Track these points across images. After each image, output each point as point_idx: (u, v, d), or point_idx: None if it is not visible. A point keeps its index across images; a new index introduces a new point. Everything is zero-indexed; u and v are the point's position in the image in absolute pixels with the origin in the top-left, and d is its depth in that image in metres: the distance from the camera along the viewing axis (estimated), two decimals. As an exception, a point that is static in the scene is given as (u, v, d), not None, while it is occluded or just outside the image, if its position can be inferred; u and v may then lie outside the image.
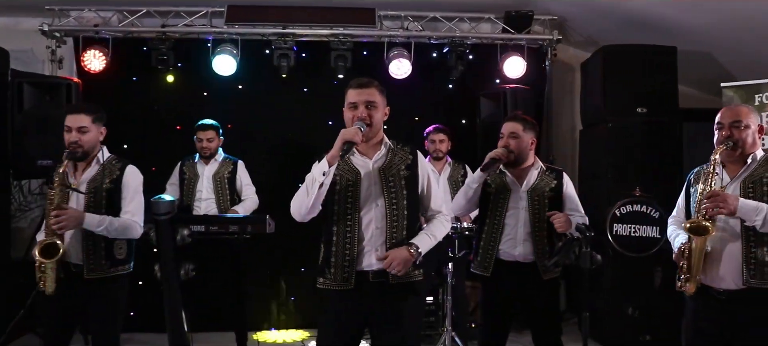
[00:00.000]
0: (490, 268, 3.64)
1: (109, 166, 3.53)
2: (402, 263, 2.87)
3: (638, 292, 5.16)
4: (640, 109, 5.64)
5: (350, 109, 2.97)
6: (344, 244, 2.91)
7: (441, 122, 5.70)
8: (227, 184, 5.21)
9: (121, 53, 6.10)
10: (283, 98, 6.35)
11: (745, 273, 2.97)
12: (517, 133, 3.65)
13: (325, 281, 2.97)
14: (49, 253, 3.29)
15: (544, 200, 3.63)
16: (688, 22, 5.68)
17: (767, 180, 3.02)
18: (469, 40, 6.26)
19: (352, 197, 2.93)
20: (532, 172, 3.69)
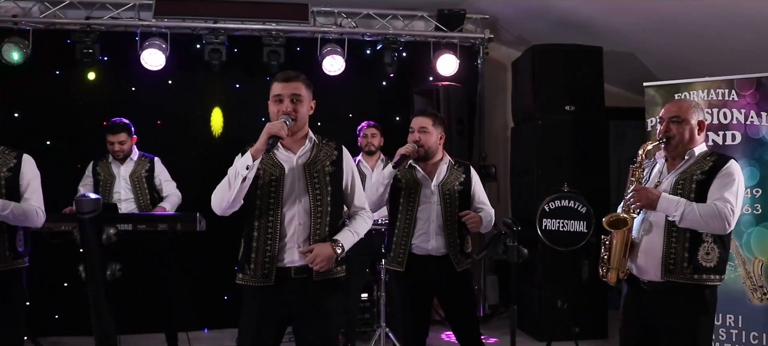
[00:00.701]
0: (404, 263, 3.67)
1: (3, 155, 3.43)
2: (326, 259, 2.84)
3: (567, 285, 5.30)
4: (568, 106, 5.79)
5: (275, 102, 2.93)
6: (266, 239, 2.86)
7: (374, 119, 5.70)
8: (145, 182, 5.01)
9: (42, 46, 5.84)
10: (214, 94, 6.23)
11: (663, 267, 3.03)
12: (427, 128, 3.69)
13: (245, 276, 2.93)
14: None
15: (455, 194, 3.70)
16: (613, 24, 5.87)
17: (697, 177, 3.05)
18: (402, 37, 6.31)
19: (275, 192, 2.88)
20: (442, 166, 3.75)
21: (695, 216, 2.94)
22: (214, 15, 5.94)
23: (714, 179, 3.03)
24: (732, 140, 4.91)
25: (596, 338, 5.65)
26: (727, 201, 2.96)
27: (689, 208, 2.94)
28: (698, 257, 3.00)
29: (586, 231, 4.92)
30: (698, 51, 5.72)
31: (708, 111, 4.98)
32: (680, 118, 3.12)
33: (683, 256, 3.01)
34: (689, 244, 3.01)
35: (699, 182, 3.04)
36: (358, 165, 5.40)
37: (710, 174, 3.04)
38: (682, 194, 3.04)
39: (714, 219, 2.94)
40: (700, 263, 3.00)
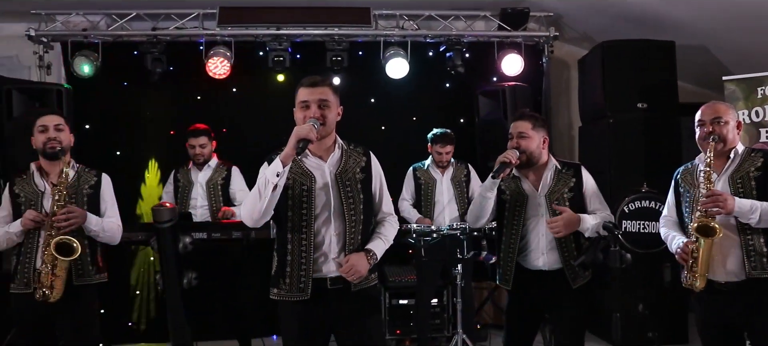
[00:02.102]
0: (511, 281, 3.43)
1: (83, 173, 3.55)
2: (361, 270, 2.78)
3: (646, 289, 5.11)
4: (640, 104, 5.61)
5: (302, 108, 2.82)
6: (300, 252, 2.77)
7: (439, 121, 5.59)
8: (220, 190, 5.05)
9: (110, 58, 5.95)
10: (277, 100, 6.22)
11: (747, 265, 3.03)
12: (526, 133, 3.41)
13: (280, 291, 2.83)
14: (64, 252, 3.24)
15: (565, 202, 3.38)
16: (685, 17, 5.68)
17: (754, 174, 3.09)
18: (465, 38, 6.21)
19: (308, 202, 2.79)
20: (547, 173, 3.45)
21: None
22: (277, 22, 5.95)
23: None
24: (819, 134, 4.70)
25: (676, 344, 5.46)
26: None
27: (765, 209, 2.97)
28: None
29: (668, 233, 4.74)
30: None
31: (793, 104, 4.79)
32: (721, 119, 3.16)
33: (762, 251, 3.03)
34: (764, 239, 3.05)
35: (757, 179, 3.09)
36: (428, 170, 5.33)
37: (765, 170, 3.09)
38: (743, 192, 3.08)
39: None
40: None
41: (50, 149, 3.41)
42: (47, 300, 3.23)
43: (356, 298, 2.82)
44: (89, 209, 3.44)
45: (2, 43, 6.15)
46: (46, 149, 3.42)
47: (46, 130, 3.43)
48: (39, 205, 3.37)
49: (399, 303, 5.57)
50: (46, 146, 3.42)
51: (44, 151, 3.43)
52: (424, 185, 5.29)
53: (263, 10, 5.96)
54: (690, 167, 3.33)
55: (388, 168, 5.27)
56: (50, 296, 3.23)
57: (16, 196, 3.43)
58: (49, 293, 3.23)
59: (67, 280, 3.30)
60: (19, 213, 3.39)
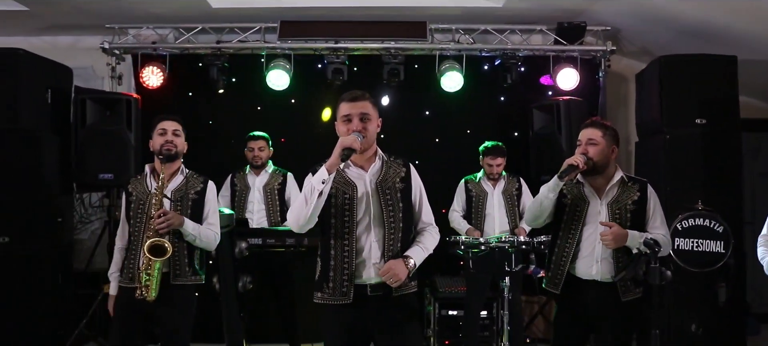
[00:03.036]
0: (560, 285, 3.45)
1: (191, 179, 3.70)
2: (400, 276, 2.88)
3: (701, 308, 5.01)
4: (699, 119, 5.49)
5: (344, 122, 2.99)
6: (343, 258, 2.91)
7: (492, 134, 5.64)
8: (277, 195, 5.25)
9: (177, 69, 6.26)
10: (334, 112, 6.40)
11: None
12: (596, 140, 3.42)
13: (324, 295, 2.96)
14: (156, 252, 3.40)
15: (626, 214, 3.40)
16: (748, 31, 5.54)
17: None
18: (520, 52, 6.23)
19: (350, 210, 2.93)
20: (612, 183, 3.47)
21: None
22: (336, 35, 6.12)
23: None
24: None
25: (732, 365, 5.31)
26: None
27: None
28: None
29: (723, 252, 4.65)
30: None
31: None
32: None
33: None
34: None
35: None
36: (480, 182, 5.38)
37: None
38: None
39: None
40: None
41: (166, 151, 3.54)
42: (145, 299, 3.40)
43: (396, 304, 2.94)
44: (192, 214, 3.57)
45: (80, 55, 6.53)
46: (162, 150, 3.55)
47: (165, 134, 3.59)
48: (147, 205, 3.52)
49: (448, 314, 5.63)
50: (162, 148, 3.56)
51: (160, 153, 3.56)
52: (475, 196, 5.35)
53: (322, 24, 6.14)
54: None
55: (440, 179, 5.42)
56: (148, 296, 3.39)
57: (130, 194, 3.60)
58: (147, 293, 3.39)
59: (164, 280, 3.45)
60: (129, 212, 3.58)
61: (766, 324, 6.43)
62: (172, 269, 3.51)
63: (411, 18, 6.12)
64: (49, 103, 5.52)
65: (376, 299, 2.91)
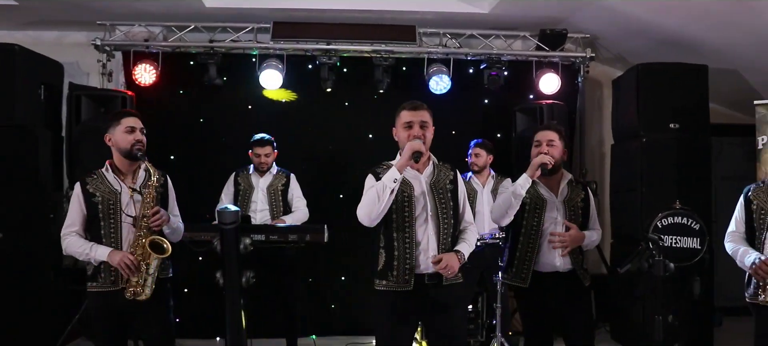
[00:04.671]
0: (528, 279, 3.71)
1: (154, 173, 3.56)
2: (455, 267, 3.23)
3: (676, 301, 5.33)
4: (672, 124, 5.85)
5: (405, 128, 3.32)
6: (404, 250, 3.24)
7: (477, 136, 5.86)
8: (281, 196, 5.37)
9: (168, 67, 6.31)
10: (325, 112, 6.55)
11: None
12: (554, 142, 3.76)
13: (388, 283, 3.28)
14: (157, 250, 3.40)
15: (578, 210, 3.77)
16: (718, 42, 5.91)
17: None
18: (504, 56, 6.49)
19: (408, 207, 3.27)
20: (563, 182, 3.82)
21: None
22: (327, 37, 6.27)
23: None
24: None
25: (702, 355, 5.69)
26: None
27: None
28: None
29: (699, 247, 4.98)
30: (806, 69, 5.73)
31: (822, 130, 5.01)
32: None
33: None
34: None
35: None
36: (470, 182, 5.61)
37: None
38: None
39: None
40: None
41: (137, 151, 3.45)
42: (138, 298, 3.36)
43: (447, 291, 3.26)
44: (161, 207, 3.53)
45: (66, 50, 6.47)
46: (133, 150, 3.45)
47: (134, 132, 3.48)
48: (118, 205, 3.43)
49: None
50: (133, 147, 3.45)
51: (130, 152, 3.45)
52: (465, 195, 5.57)
53: (314, 26, 6.28)
54: (762, 186, 3.49)
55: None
56: (142, 295, 3.37)
57: (92, 195, 3.43)
58: (142, 291, 3.37)
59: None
60: (96, 213, 3.41)
61: (728, 317, 6.85)
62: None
63: (401, 22, 6.31)
64: (42, 100, 5.52)
65: (431, 286, 3.24)
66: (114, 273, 3.40)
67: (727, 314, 6.89)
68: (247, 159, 5.59)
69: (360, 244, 6.34)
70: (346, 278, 6.50)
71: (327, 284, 6.49)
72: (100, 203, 3.43)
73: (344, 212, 6.37)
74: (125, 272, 3.35)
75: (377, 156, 6.40)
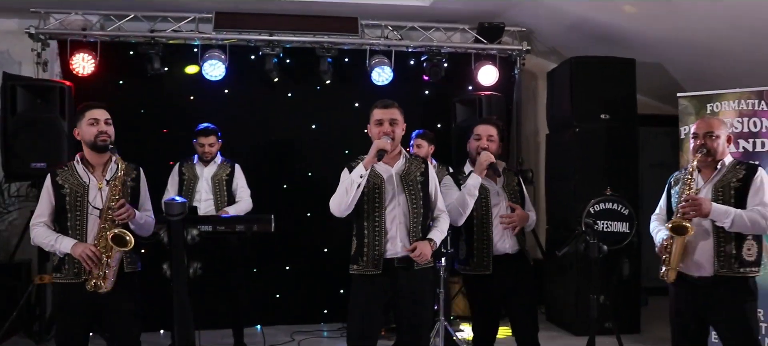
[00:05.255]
0: (490, 265, 3.89)
1: (125, 167, 3.58)
2: (426, 254, 3.48)
3: (606, 282, 5.65)
4: (603, 115, 6.16)
5: (376, 125, 3.54)
6: (373, 237, 3.47)
7: (418, 126, 5.99)
8: (225, 186, 5.38)
9: (107, 57, 6.20)
10: (268, 103, 6.58)
11: (716, 263, 3.44)
12: (494, 137, 4.02)
13: (359, 267, 3.51)
14: (119, 244, 3.36)
15: (516, 193, 4.03)
16: (644, 37, 6.24)
17: (734, 185, 3.49)
18: (444, 49, 6.66)
19: (379, 197, 3.49)
20: (500, 170, 4.05)
21: (743, 222, 3.37)
22: (270, 28, 6.30)
23: (749, 186, 3.47)
24: (762, 147, 5.29)
25: (631, 333, 6.02)
26: (766, 205, 3.41)
27: (738, 216, 3.37)
28: (743, 253, 3.44)
29: (628, 231, 5.29)
30: (724, 63, 6.11)
31: (739, 120, 5.37)
32: (713, 133, 3.54)
33: (731, 253, 3.44)
34: (735, 242, 3.44)
35: (736, 189, 3.48)
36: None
37: (745, 182, 3.48)
38: (723, 200, 3.48)
39: (758, 223, 3.38)
40: (744, 258, 3.44)
41: (102, 142, 3.46)
42: (98, 291, 3.36)
43: (417, 275, 3.50)
44: (131, 201, 3.55)
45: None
46: (97, 142, 3.46)
47: (97, 123, 3.48)
48: (85, 197, 3.44)
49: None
50: (97, 139, 3.46)
51: (95, 144, 3.47)
52: (407, 185, 5.72)
53: (257, 17, 6.29)
54: (682, 173, 3.72)
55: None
56: (102, 287, 3.36)
57: (61, 187, 3.45)
58: (103, 284, 3.36)
59: (119, 270, 3.44)
60: (64, 205, 3.43)
61: (653, 296, 7.26)
62: (125, 258, 3.50)
63: (343, 14, 6.39)
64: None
65: (401, 270, 3.47)
66: (77, 265, 3.41)
67: (652, 294, 7.32)
68: (189, 150, 5.57)
69: (304, 233, 6.45)
70: (290, 268, 6.56)
71: (271, 273, 6.53)
72: (68, 194, 3.45)
73: (288, 201, 6.46)
74: (87, 264, 3.35)
75: (321, 146, 6.58)
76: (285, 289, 6.57)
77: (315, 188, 6.42)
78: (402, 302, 3.51)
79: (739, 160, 3.66)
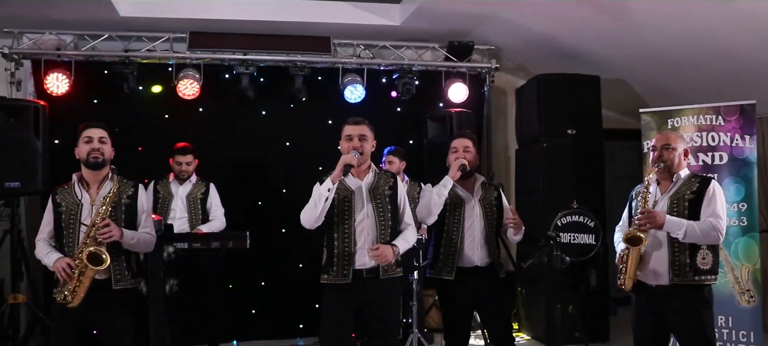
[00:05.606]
0: (453, 272, 4.03)
1: (122, 184, 3.71)
2: (387, 256, 3.61)
3: (575, 293, 5.80)
4: (570, 130, 6.37)
5: (346, 140, 3.73)
6: (343, 248, 3.63)
7: (390, 143, 6.14)
8: (200, 204, 5.45)
9: (82, 76, 6.23)
10: (242, 120, 6.66)
11: (671, 273, 3.61)
12: (470, 148, 4.14)
13: (329, 277, 3.66)
14: (94, 261, 3.42)
15: (493, 208, 4.14)
16: (608, 55, 6.48)
17: (688, 197, 3.66)
18: (415, 67, 6.82)
19: (348, 210, 3.64)
20: (477, 184, 4.18)
21: (695, 233, 3.54)
22: (244, 47, 6.40)
23: (702, 198, 3.64)
24: (720, 160, 5.53)
25: (600, 342, 6.20)
26: (718, 217, 3.59)
27: (690, 227, 3.54)
28: (697, 262, 3.60)
29: (594, 243, 5.46)
30: (684, 79, 6.36)
31: (697, 134, 5.61)
32: (670, 146, 3.73)
33: (685, 262, 3.60)
34: (689, 252, 3.61)
35: (690, 202, 3.65)
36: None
37: (699, 194, 3.65)
38: (678, 212, 3.66)
39: (710, 234, 3.56)
40: (699, 267, 3.61)
41: (93, 159, 3.60)
42: (67, 304, 3.41)
43: (384, 285, 3.65)
44: (126, 219, 3.64)
45: (-37, 57, 6.30)
46: (89, 159, 3.60)
47: (91, 142, 3.63)
48: (78, 216, 3.54)
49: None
50: (89, 156, 3.61)
51: (87, 161, 3.61)
52: (380, 200, 5.83)
53: (231, 37, 6.39)
54: (642, 186, 3.88)
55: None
56: (71, 302, 3.41)
57: (58, 205, 3.59)
58: (71, 298, 3.41)
59: (106, 285, 3.51)
60: (60, 222, 3.56)
61: (622, 306, 7.44)
62: (113, 275, 3.55)
63: (316, 33, 6.52)
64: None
65: (369, 280, 3.63)
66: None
67: (621, 303, 7.49)
68: (164, 168, 5.62)
69: (279, 250, 6.52)
70: (265, 283, 6.62)
71: (247, 289, 6.59)
72: (63, 212, 3.59)
73: (263, 218, 6.53)
74: (61, 276, 3.44)
75: (295, 163, 6.67)
76: (261, 304, 6.62)
77: (289, 204, 6.37)
78: (370, 310, 3.66)
79: (694, 173, 3.84)
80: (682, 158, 3.76)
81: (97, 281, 3.52)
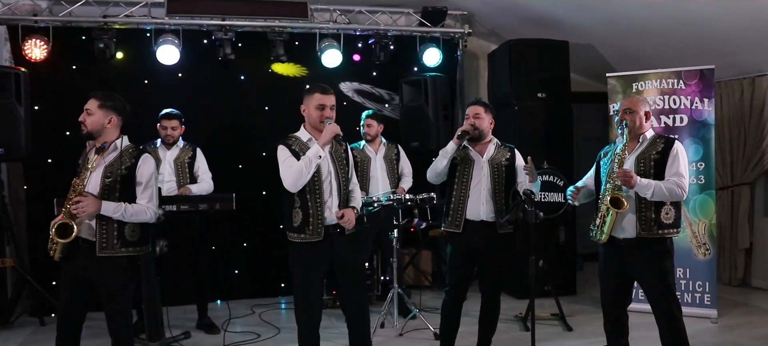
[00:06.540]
0: (461, 225, 4.36)
1: (126, 154, 3.68)
2: (352, 220, 3.91)
3: (545, 248, 6.11)
4: (540, 94, 6.63)
5: (318, 109, 3.90)
6: (317, 208, 3.85)
7: (367, 106, 6.35)
8: (187, 168, 5.58)
9: (60, 42, 6.26)
10: (221, 85, 6.75)
11: (638, 226, 3.92)
12: (480, 115, 4.43)
13: (305, 236, 3.85)
14: (62, 233, 3.49)
15: (502, 169, 4.41)
16: (577, 20, 6.71)
17: (653, 157, 3.94)
18: (390, 32, 6.97)
19: (317, 173, 3.86)
20: (490, 146, 4.47)
21: (662, 192, 3.84)
22: (222, 13, 6.47)
23: (667, 158, 3.94)
24: (680, 123, 5.84)
25: (567, 295, 6.55)
26: (681, 176, 3.90)
27: (657, 187, 3.83)
28: (661, 216, 3.90)
29: (563, 201, 5.75)
30: (649, 45, 6.64)
31: (660, 97, 5.91)
32: (632, 110, 4.02)
33: (650, 217, 3.90)
34: (654, 207, 3.91)
35: (656, 161, 3.94)
36: (364, 149, 6.08)
37: (663, 154, 3.95)
38: (644, 171, 3.95)
39: (675, 192, 3.86)
40: (663, 221, 3.91)
41: (82, 129, 3.70)
42: (54, 255, 3.59)
43: (349, 239, 3.95)
44: (121, 191, 3.62)
45: (-65, 23, 6.26)
46: (82, 128, 3.71)
47: (83, 112, 3.69)
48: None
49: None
50: (82, 126, 3.70)
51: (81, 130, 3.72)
52: (360, 162, 6.01)
53: (209, 1, 6.44)
54: (609, 147, 4.18)
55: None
56: (55, 255, 3.59)
57: (78, 167, 3.75)
58: (53, 254, 3.59)
59: (91, 250, 3.59)
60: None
61: (588, 262, 7.84)
62: (99, 242, 3.58)
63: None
64: None
65: (336, 236, 3.90)
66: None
67: (587, 259, 7.90)
68: (146, 134, 5.71)
69: (260, 211, 6.70)
70: (247, 244, 6.80)
71: (230, 250, 6.77)
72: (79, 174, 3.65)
73: (244, 181, 6.68)
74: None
75: (274, 127, 6.81)
76: (243, 265, 6.82)
77: (269, 167, 6.57)
78: (340, 259, 3.93)
79: (659, 135, 4.11)
80: (643, 120, 4.02)
81: (87, 241, 3.60)
